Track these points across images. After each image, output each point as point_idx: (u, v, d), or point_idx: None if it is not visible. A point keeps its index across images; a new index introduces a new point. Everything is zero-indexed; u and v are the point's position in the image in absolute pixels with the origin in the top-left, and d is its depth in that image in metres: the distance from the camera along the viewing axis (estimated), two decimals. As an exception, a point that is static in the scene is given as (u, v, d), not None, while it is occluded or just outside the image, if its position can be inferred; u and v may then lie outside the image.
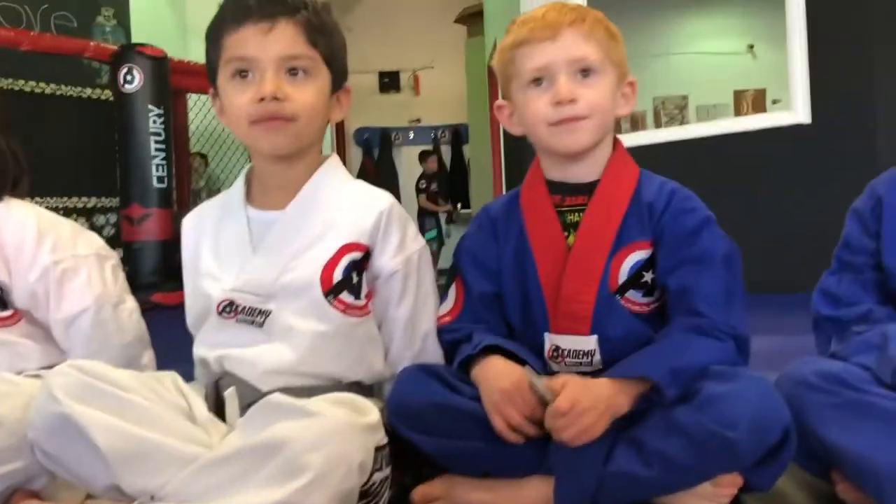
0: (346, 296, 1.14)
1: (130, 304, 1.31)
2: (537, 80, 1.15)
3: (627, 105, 1.20)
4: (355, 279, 1.15)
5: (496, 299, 1.22)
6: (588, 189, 1.18)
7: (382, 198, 1.21)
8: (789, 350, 1.76)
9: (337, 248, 1.15)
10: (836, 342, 1.14)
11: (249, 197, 1.22)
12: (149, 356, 1.33)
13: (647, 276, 1.14)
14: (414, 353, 1.22)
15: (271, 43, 1.11)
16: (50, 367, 1.06)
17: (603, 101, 1.15)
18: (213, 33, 1.17)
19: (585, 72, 1.14)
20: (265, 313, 1.13)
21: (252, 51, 1.12)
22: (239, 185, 1.23)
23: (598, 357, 1.14)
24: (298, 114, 1.13)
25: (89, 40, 4.91)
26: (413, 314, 1.21)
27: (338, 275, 1.14)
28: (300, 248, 1.15)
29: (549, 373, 1.14)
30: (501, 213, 1.25)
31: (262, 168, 1.22)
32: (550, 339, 1.16)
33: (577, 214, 1.17)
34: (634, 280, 1.14)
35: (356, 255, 1.16)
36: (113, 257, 1.30)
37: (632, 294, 1.14)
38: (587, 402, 0.98)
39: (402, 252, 1.19)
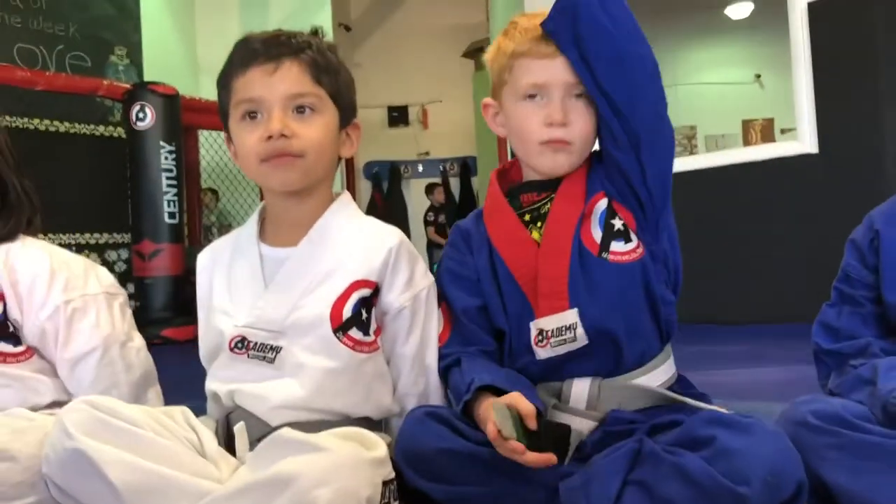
0: (355, 332, 1.16)
1: (138, 341, 1.33)
2: (532, 95, 1.18)
3: None
4: (364, 316, 1.17)
5: (480, 311, 1.23)
6: (554, 184, 1.21)
7: (392, 234, 1.22)
8: (798, 381, 1.76)
9: (347, 286, 1.16)
10: (835, 376, 1.14)
11: (262, 234, 1.24)
12: (155, 392, 1.34)
13: (618, 223, 1.17)
14: (421, 389, 1.23)
15: (277, 83, 1.14)
16: (62, 402, 1.07)
17: (591, 129, 1.18)
18: (223, 79, 1.20)
19: (578, 95, 1.17)
20: (276, 349, 1.14)
21: (259, 91, 1.15)
22: (252, 223, 1.25)
23: (580, 330, 1.14)
24: (306, 150, 1.15)
25: (103, 79, 4.99)
26: (420, 350, 1.22)
27: (347, 311, 1.15)
28: (310, 284, 1.17)
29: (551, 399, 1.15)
30: (472, 226, 1.28)
31: (273, 205, 1.24)
32: (535, 326, 1.16)
33: (547, 205, 1.20)
34: (609, 232, 1.17)
35: (365, 291, 1.17)
36: (122, 295, 1.32)
37: (616, 246, 1.16)
38: None
39: (411, 289, 1.21)
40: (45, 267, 1.23)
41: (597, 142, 1.21)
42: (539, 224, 1.20)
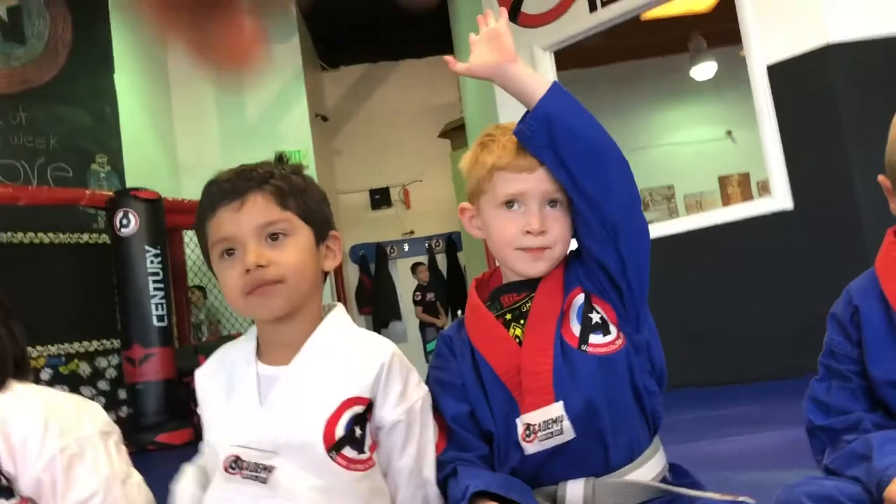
0: (348, 451, 1.15)
1: (136, 476, 1.31)
2: (509, 203, 1.22)
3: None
4: (358, 433, 1.16)
5: (469, 417, 1.24)
6: (533, 283, 1.24)
7: (384, 348, 1.22)
8: (794, 442, 1.75)
9: (338, 404, 1.16)
10: (829, 452, 1.15)
11: (259, 352, 1.25)
12: None
13: (595, 316, 1.19)
14: (420, 502, 1.21)
15: (245, 217, 1.17)
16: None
17: (568, 232, 1.23)
18: (198, 223, 1.23)
19: (553, 202, 1.22)
20: (269, 469, 1.13)
21: (230, 229, 1.17)
22: (250, 338, 1.26)
23: (566, 423, 1.14)
24: (285, 275, 1.16)
25: (85, 188, 5.06)
26: (417, 462, 1.21)
27: (340, 430, 1.14)
28: (302, 404, 1.16)
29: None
30: (454, 334, 1.31)
31: (263, 329, 1.25)
32: (521, 421, 1.17)
33: (528, 304, 1.23)
34: (587, 326, 1.19)
35: (358, 408, 1.17)
36: (116, 432, 1.30)
37: (594, 338, 1.18)
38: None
39: (404, 402, 1.20)
40: (39, 416, 1.21)
41: (573, 241, 1.25)
42: (521, 322, 1.22)
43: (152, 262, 4.50)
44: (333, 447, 1.14)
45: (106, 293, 4.69)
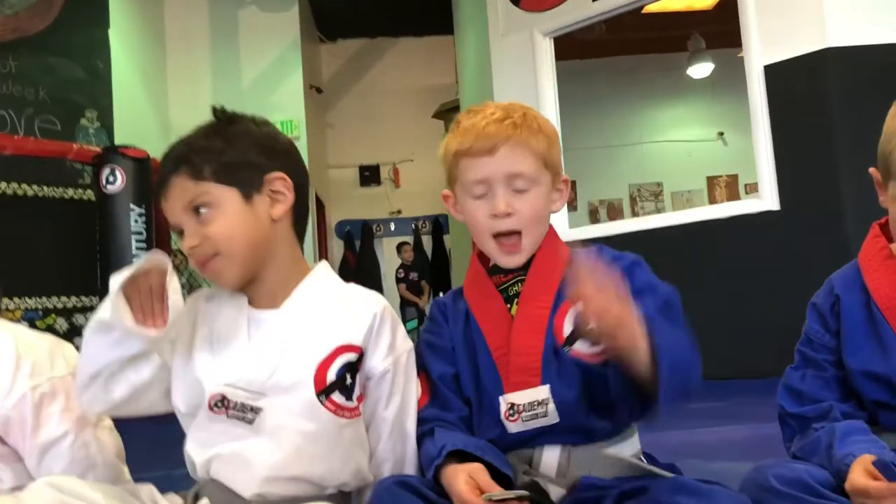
0: (337, 396, 1.15)
1: (108, 422, 1.30)
2: (477, 189, 1.21)
3: (561, 200, 1.27)
4: (349, 380, 1.16)
5: (454, 379, 1.25)
6: (524, 267, 1.24)
7: (376, 300, 1.24)
8: (764, 437, 1.77)
9: (332, 349, 1.16)
10: (798, 439, 1.16)
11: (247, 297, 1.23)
12: (127, 470, 1.31)
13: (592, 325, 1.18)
14: (399, 455, 1.22)
15: (172, 203, 1.18)
16: (24, 487, 1.04)
17: (538, 211, 1.21)
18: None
19: (521, 184, 1.20)
20: (256, 410, 1.13)
21: (170, 217, 1.20)
22: None
23: (552, 406, 1.16)
24: (217, 248, 1.15)
25: (73, 143, 4.99)
26: (400, 413, 1.22)
27: (331, 375, 1.15)
28: (295, 346, 1.16)
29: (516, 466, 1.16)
30: (449, 301, 1.32)
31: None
32: (505, 400, 1.18)
33: (518, 285, 1.23)
34: (579, 331, 1.17)
35: (351, 356, 1.17)
36: None
37: (580, 346, 1.17)
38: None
39: (393, 353, 1.21)
40: (11, 353, 1.19)
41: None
42: (515, 301, 1.23)
43: (136, 221, 4.47)
44: (323, 391, 1.14)
45: (88, 250, 4.64)
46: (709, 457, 1.90)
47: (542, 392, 1.16)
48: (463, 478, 1.05)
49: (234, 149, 1.19)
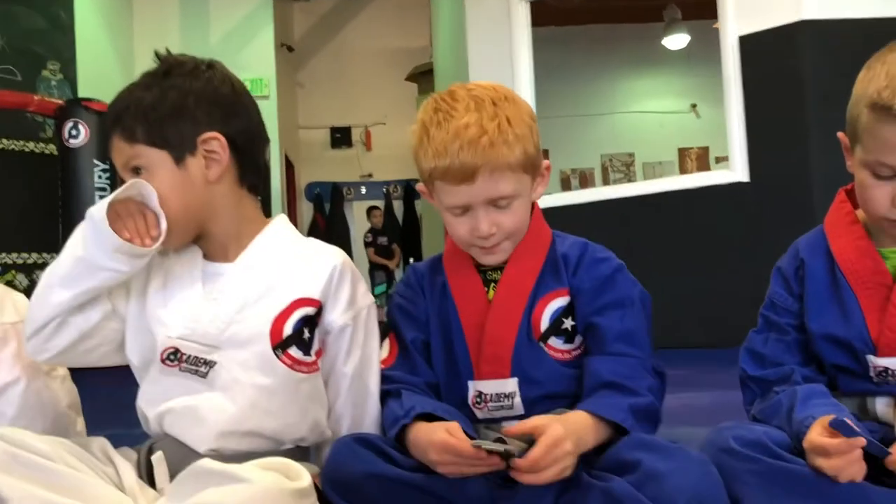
0: (294, 351, 1.13)
1: (61, 371, 1.28)
2: (457, 211, 1.17)
3: (543, 185, 1.24)
4: (306, 335, 1.14)
5: (426, 346, 1.24)
6: None
7: (335, 254, 1.21)
8: (727, 405, 1.79)
9: (289, 302, 1.14)
10: (759, 402, 1.17)
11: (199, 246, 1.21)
12: (80, 422, 1.29)
13: (567, 323, 1.19)
14: (358, 411, 1.21)
15: (114, 159, 1.18)
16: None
17: (521, 220, 1.19)
18: None
19: (503, 200, 1.16)
20: (210, 364, 1.11)
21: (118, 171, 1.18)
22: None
23: (517, 399, 1.16)
24: (154, 208, 1.11)
25: (34, 94, 4.86)
26: (359, 369, 1.20)
27: (288, 329, 1.13)
28: (251, 299, 1.14)
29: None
30: (427, 271, 1.29)
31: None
32: (474, 386, 1.18)
33: (497, 272, 1.22)
34: (556, 327, 1.18)
35: (309, 310, 1.15)
36: None
37: (553, 341, 1.18)
38: (570, 444, 0.98)
39: (353, 308, 1.19)
40: None
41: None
42: (492, 286, 1.22)
43: (100, 176, 4.37)
44: (280, 345, 1.12)
45: (49, 205, 4.54)
46: (671, 423, 1.91)
47: (510, 385, 1.16)
48: (442, 430, 1.03)
49: (164, 106, 1.14)
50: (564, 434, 0.98)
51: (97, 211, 1.07)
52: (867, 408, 1.13)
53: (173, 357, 1.11)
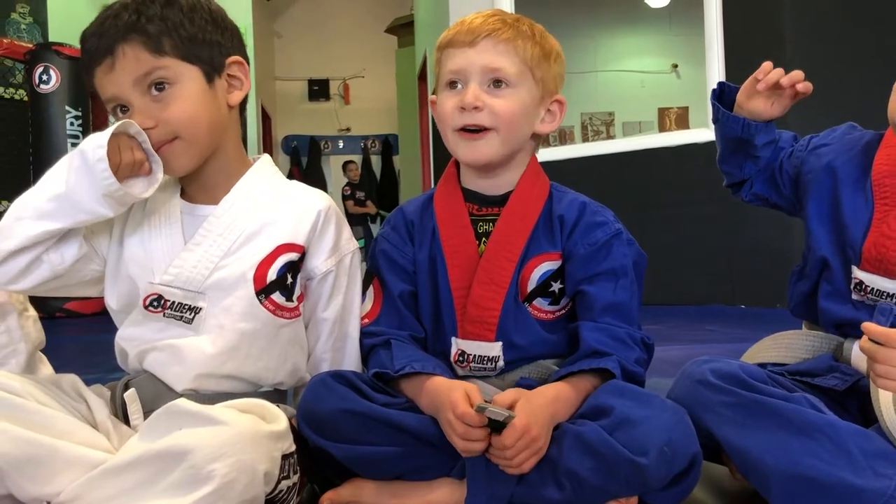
0: (277, 296, 1.12)
1: (32, 312, 1.27)
2: (453, 83, 1.17)
3: (552, 122, 1.21)
4: (289, 280, 1.13)
5: (413, 298, 1.22)
6: (500, 201, 1.19)
7: (320, 198, 1.19)
8: (684, 357, 1.82)
9: (273, 248, 1.12)
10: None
11: (182, 192, 1.17)
12: (46, 362, 1.29)
13: (555, 286, 1.17)
14: (337, 356, 1.21)
15: (119, 75, 1.06)
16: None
17: (512, 114, 1.15)
18: (87, 79, 1.12)
19: (498, 82, 1.14)
20: (195, 310, 1.09)
21: (111, 90, 1.08)
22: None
23: (501, 363, 1.16)
24: (177, 130, 1.08)
25: (2, 38, 4.73)
26: (341, 316, 1.20)
27: (272, 274, 1.12)
28: (234, 244, 1.12)
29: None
30: (416, 216, 1.25)
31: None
32: (457, 344, 1.17)
33: (490, 224, 1.19)
34: (542, 289, 1.17)
35: (293, 255, 1.13)
36: None
37: (539, 302, 1.17)
38: (536, 429, 0.98)
39: (336, 253, 1.18)
40: None
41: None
42: (483, 241, 1.18)
43: (72, 123, 4.28)
44: (263, 290, 1.11)
45: (20, 153, 4.45)
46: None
47: (495, 349, 1.15)
48: (461, 390, 1.01)
49: (193, 24, 1.10)
50: (527, 423, 0.97)
51: (92, 150, 1.01)
52: (843, 353, 1.15)
53: (157, 303, 1.10)
